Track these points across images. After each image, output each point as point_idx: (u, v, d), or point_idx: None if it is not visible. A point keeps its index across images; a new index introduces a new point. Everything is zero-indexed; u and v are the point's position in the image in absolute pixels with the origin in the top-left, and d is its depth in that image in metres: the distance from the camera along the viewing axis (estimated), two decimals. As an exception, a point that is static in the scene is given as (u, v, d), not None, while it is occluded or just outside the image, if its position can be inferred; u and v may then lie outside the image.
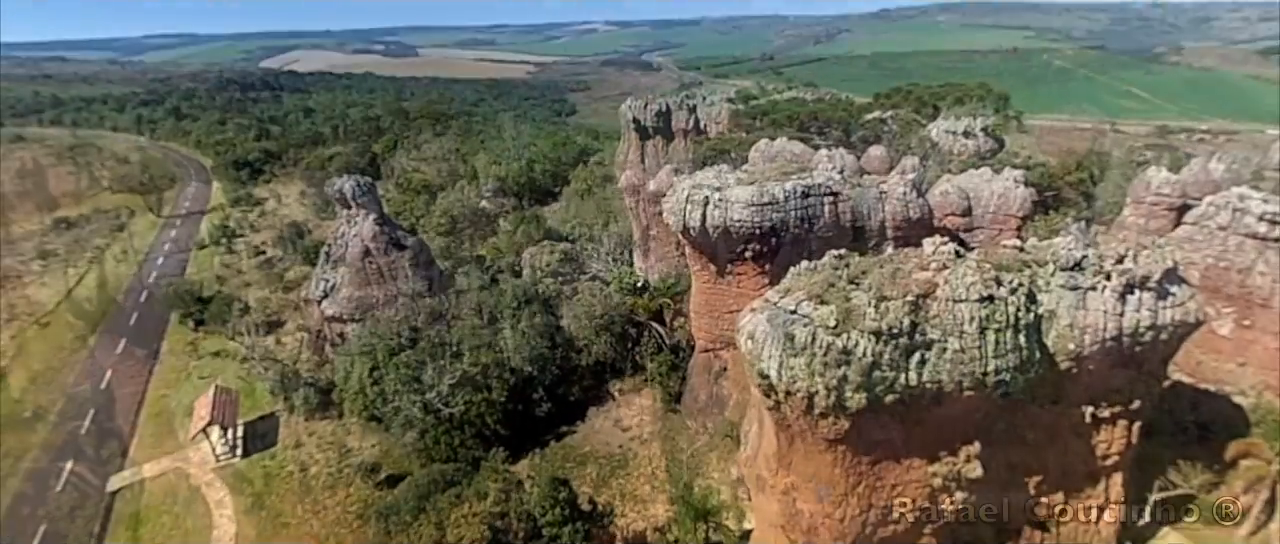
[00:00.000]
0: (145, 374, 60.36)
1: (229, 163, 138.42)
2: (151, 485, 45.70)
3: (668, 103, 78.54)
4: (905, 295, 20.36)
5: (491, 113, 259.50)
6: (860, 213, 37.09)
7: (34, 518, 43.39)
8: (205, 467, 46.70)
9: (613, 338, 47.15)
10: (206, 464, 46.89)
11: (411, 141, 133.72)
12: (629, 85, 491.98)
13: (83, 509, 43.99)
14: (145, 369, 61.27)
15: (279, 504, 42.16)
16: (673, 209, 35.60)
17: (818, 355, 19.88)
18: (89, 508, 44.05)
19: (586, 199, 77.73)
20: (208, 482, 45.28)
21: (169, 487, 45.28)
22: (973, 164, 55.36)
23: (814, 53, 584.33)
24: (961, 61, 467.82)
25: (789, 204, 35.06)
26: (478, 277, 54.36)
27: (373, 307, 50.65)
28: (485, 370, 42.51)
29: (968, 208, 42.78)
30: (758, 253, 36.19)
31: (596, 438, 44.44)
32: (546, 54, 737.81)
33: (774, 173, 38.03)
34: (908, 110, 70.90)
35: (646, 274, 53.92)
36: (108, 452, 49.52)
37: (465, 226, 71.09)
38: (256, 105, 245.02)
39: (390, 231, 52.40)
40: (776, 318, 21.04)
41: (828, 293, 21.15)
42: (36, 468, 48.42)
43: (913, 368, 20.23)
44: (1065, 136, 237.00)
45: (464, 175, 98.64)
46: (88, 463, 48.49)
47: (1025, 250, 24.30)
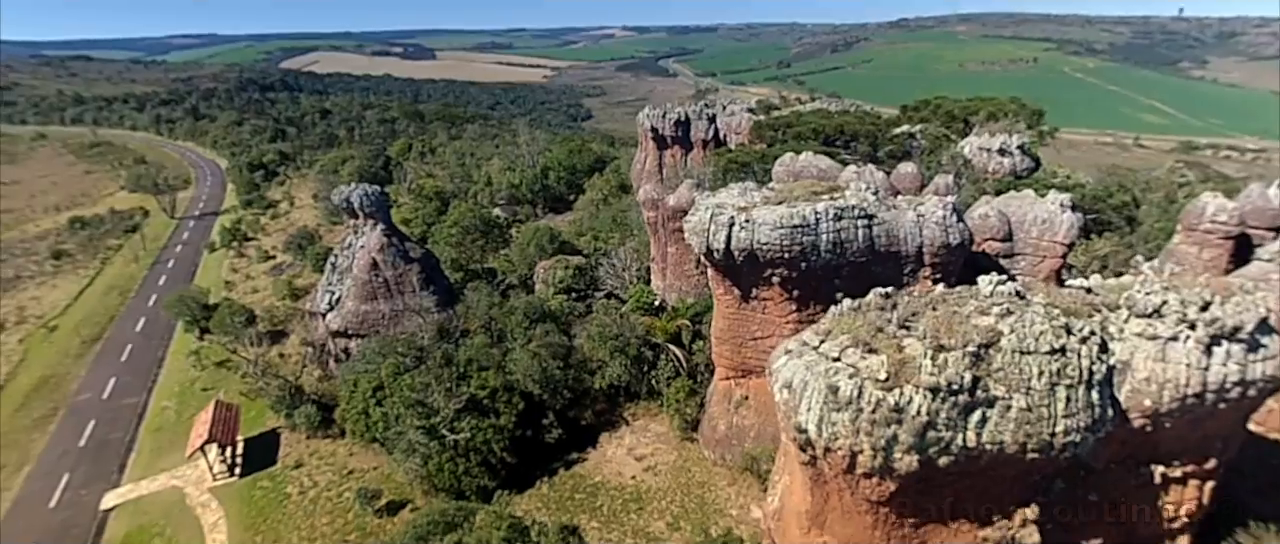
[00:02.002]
0: (148, 384, 58.96)
1: (243, 164, 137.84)
2: (146, 504, 43.94)
3: (687, 112, 76.30)
4: (965, 345, 17.96)
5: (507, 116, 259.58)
6: (895, 237, 34.61)
7: (25, 534, 41.82)
8: (201, 486, 44.91)
9: (627, 360, 44.80)
10: (203, 482, 45.13)
11: (426, 145, 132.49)
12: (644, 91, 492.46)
13: (75, 527, 42.31)
14: (149, 378, 59.89)
15: (274, 529, 40.19)
16: (695, 229, 33.33)
17: (865, 412, 17.54)
18: (82, 526, 42.36)
19: (601, 210, 75.60)
20: (203, 502, 43.46)
21: (164, 506, 43.50)
22: (1008, 183, 52.81)
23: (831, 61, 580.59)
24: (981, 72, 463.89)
25: (820, 227, 32.68)
26: (487, 292, 52.34)
27: (379, 321, 48.77)
28: (493, 394, 40.39)
29: (1008, 232, 40.14)
30: (785, 278, 33.83)
31: (609, 467, 42.12)
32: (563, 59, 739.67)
33: (803, 192, 35.66)
34: (937, 125, 68.25)
35: (664, 293, 51.64)
36: (105, 466, 47.99)
37: (476, 237, 69.14)
38: (274, 106, 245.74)
39: (398, 243, 50.51)
40: (817, 366, 18.71)
41: (876, 339, 18.78)
42: (33, 481, 47.05)
43: (972, 428, 17.82)
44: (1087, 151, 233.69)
45: (477, 182, 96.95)
46: (84, 477, 46.99)
47: (1093, 290, 21.85)
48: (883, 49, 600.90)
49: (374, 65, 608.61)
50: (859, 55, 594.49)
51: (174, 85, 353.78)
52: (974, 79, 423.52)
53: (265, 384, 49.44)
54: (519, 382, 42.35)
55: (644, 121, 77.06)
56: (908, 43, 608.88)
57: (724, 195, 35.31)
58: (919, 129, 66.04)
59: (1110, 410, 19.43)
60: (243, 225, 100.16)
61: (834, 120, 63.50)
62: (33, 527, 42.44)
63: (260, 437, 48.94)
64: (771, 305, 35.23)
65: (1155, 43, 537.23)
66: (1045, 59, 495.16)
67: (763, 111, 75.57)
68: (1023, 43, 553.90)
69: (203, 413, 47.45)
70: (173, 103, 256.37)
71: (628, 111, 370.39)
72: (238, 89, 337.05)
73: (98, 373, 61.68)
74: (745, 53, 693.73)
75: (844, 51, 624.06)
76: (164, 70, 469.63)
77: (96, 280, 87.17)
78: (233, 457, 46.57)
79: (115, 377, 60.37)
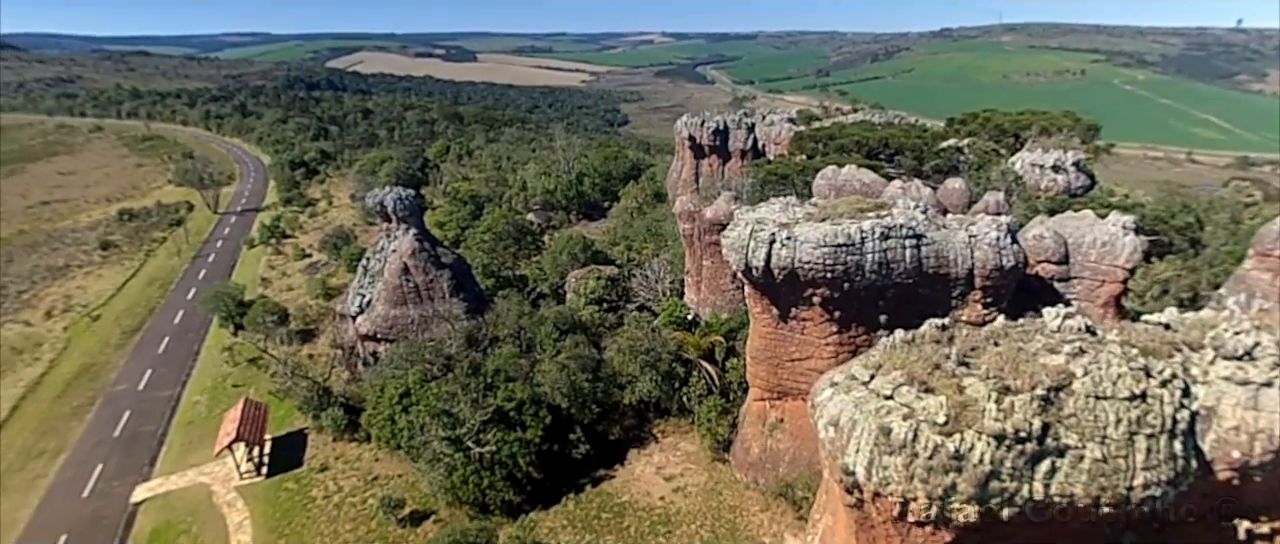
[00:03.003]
0: (182, 377, 59.46)
1: (285, 162, 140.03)
2: (174, 499, 43.98)
3: (725, 121, 74.94)
4: (1034, 388, 16.35)
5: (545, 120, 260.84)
6: (945, 258, 32.83)
7: (58, 524, 42.12)
8: (228, 484, 44.83)
9: (658, 375, 43.50)
10: (230, 481, 45.05)
11: (463, 147, 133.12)
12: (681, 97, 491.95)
13: (105, 519, 42.48)
14: (183, 372, 60.41)
15: (298, 534, 39.77)
16: (734, 245, 31.99)
17: (920, 457, 16.03)
18: (111, 518, 42.51)
19: (636, 219, 74.52)
20: (229, 501, 43.32)
21: (191, 503, 43.47)
22: (1062, 202, 50.34)
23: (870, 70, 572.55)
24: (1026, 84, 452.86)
25: (866, 246, 31.10)
26: (518, 300, 51.55)
27: (408, 327, 48.29)
28: (520, 406, 39.44)
29: (1064, 255, 38.04)
30: (827, 298, 32.30)
31: (637, 486, 40.84)
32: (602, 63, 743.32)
33: (848, 209, 34.08)
34: (986, 138, 65.73)
35: (697, 307, 50.25)
36: (137, 458, 48.28)
37: (509, 244, 68.56)
38: (318, 105, 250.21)
39: (430, 248, 50.02)
40: (867, 404, 17.24)
41: (933, 377, 17.25)
42: (69, 469, 47.50)
43: (1039, 479, 16.18)
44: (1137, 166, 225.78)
45: (512, 186, 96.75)
46: (117, 468, 47.32)
47: (1171, 326, 19.97)
48: (924, 59, 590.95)
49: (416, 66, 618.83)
50: (899, 64, 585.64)
51: (225, 82, 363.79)
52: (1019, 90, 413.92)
53: (294, 384, 49.28)
54: (547, 394, 41.35)
55: (681, 130, 75.87)
56: (950, 53, 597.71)
57: (765, 210, 33.93)
58: (967, 143, 63.65)
59: (1194, 462, 17.59)
60: (281, 223, 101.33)
61: (878, 132, 61.47)
62: (66, 516, 42.71)
63: (287, 436, 48.80)
64: (811, 326, 33.72)
65: (1211, 55, 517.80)
66: (1093, 71, 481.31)
67: (803, 122, 73.84)
68: (1070, 54, 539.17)
69: (232, 411, 47.45)
70: (222, 99, 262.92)
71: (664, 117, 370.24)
72: (285, 87, 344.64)
73: (135, 364, 62.48)
74: (784, 61, 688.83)
75: (884, 61, 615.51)
76: (216, 67, 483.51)
77: (140, 271, 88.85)
78: (260, 456, 46.49)
79: (151, 368, 61.06)
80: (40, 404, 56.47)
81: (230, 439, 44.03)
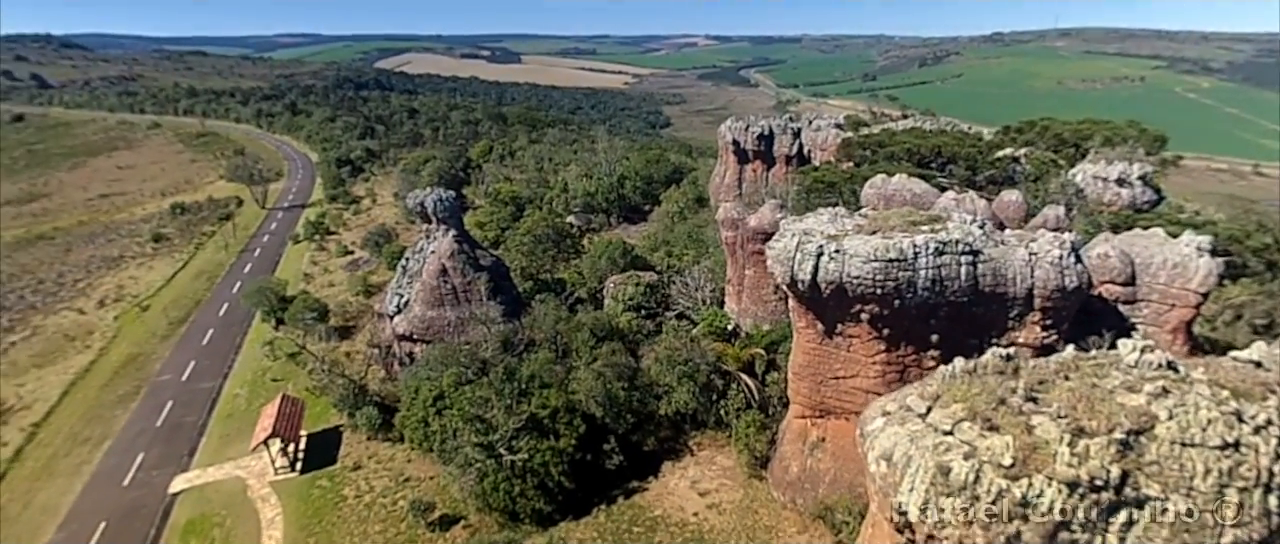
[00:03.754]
0: (224, 370, 60.41)
1: (332, 159, 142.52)
2: (210, 492, 44.45)
3: (771, 125, 73.29)
4: (1112, 430, 14.84)
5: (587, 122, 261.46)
6: (1003, 276, 31.01)
7: (99, 511, 42.91)
8: (263, 478, 45.14)
9: (696, 387, 42.36)
10: (265, 475, 45.37)
11: (506, 147, 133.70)
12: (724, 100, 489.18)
13: (144, 509, 43.13)
14: (225, 365, 61.39)
15: (328, 533, 39.71)
16: (779, 257, 30.71)
17: (983, 501, 14.66)
18: (149, 508, 43.14)
19: (677, 224, 73.39)
20: (263, 496, 43.59)
21: (226, 496, 43.87)
22: (1127, 217, 47.78)
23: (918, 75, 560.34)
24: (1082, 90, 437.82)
25: (919, 262, 29.51)
26: (555, 304, 50.94)
27: (444, 328, 48.07)
28: (554, 414, 38.73)
29: (1131, 275, 35.78)
30: (876, 315, 30.80)
31: (670, 500, 39.76)
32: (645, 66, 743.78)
33: (900, 221, 32.51)
34: (1044, 148, 62.95)
35: (738, 318, 48.92)
36: (177, 449, 49.07)
37: (548, 247, 68.10)
38: (366, 104, 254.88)
39: (469, 250, 49.76)
40: (924, 439, 15.91)
41: (998, 413, 15.82)
42: (112, 456, 48.51)
43: (1115, 532, 14.67)
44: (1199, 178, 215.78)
45: (553, 187, 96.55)
46: (157, 458, 48.13)
47: (1263, 364, 18.14)
48: (974, 64, 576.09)
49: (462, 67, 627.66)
50: (948, 69, 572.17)
51: (277, 81, 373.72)
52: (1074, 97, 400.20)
53: (331, 382, 49.49)
54: (581, 402, 40.58)
55: (725, 134, 74.47)
56: (1001, 58, 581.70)
57: (812, 221, 32.57)
58: (1023, 153, 61.01)
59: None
60: (326, 219, 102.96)
61: (929, 140, 59.25)
62: (106, 503, 43.52)
63: (323, 433, 49.01)
64: (858, 344, 32.23)
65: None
66: (1153, 78, 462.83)
67: (851, 128, 71.75)
68: (1129, 60, 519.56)
69: (269, 406, 47.83)
70: (274, 97, 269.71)
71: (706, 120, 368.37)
72: (334, 86, 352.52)
73: (180, 355, 63.77)
74: (829, 64, 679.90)
75: (933, 65, 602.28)
76: (269, 67, 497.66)
77: (189, 264, 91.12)
78: (295, 452, 46.73)
79: (195, 360, 62.20)
80: (88, 391, 57.98)
81: (266, 434, 44.33)
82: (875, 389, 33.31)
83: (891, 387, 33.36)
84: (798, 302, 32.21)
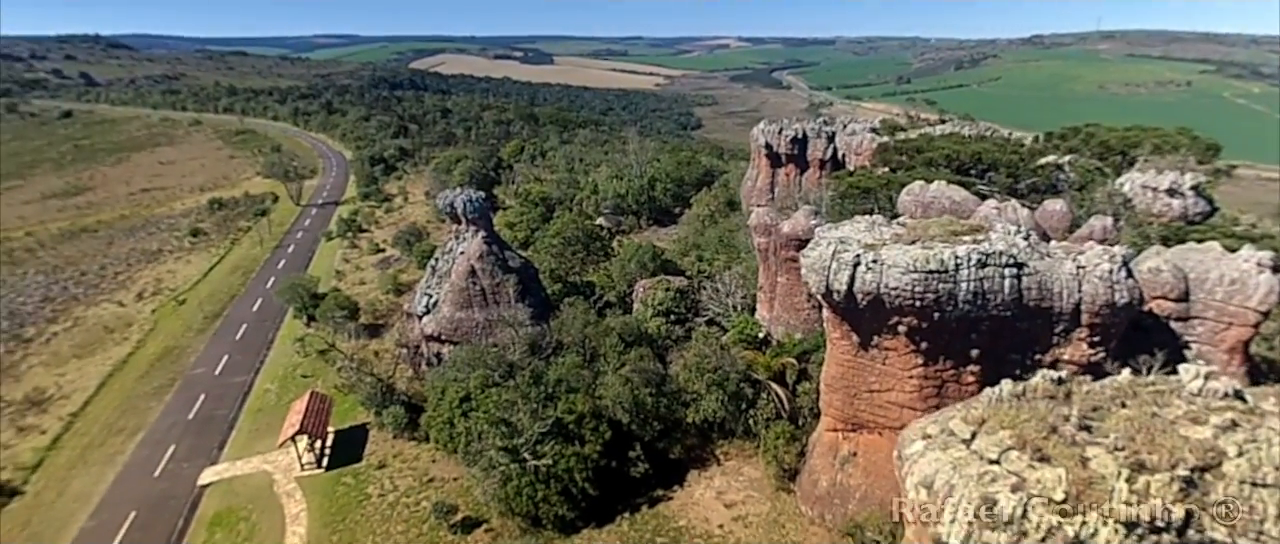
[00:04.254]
0: (256, 365, 61.07)
1: (366, 158, 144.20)
2: (237, 485, 44.86)
3: (804, 129, 72.05)
4: (1175, 466, 13.81)
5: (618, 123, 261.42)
6: (1048, 290, 29.72)
7: (129, 501, 43.55)
8: (290, 474, 45.43)
9: (724, 395, 41.51)
10: (291, 471, 45.65)
11: (537, 148, 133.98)
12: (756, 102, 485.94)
13: (173, 500, 43.70)
14: (257, 359, 62.08)
15: (351, 531, 39.72)
16: (814, 266, 29.81)
17: (1031, 537, 13.74)
18: (179, 499, 43.72)
19: (708, 227, 72.52)
20: (288, 491, 43.83)
21: (253, 490, 44.23)
22: (1178, 230, 45.79)
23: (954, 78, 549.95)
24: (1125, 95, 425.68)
25: (960, 273, 28.39)
26: (583, 308, 50.49)
27: (472, 330, 47.95)
28: (580, 420, 38.26)
29: (1184, 291, 34.14)
30: (914, 328, 29.74)
31: (695, 510, 39.02)
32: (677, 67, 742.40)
33: (940, 231, 31.40)
34: (1089, 156, 60.84)
35: (769, 325, 47.95)
36: (207, 442, 49.67)
37: (578, 249, 67.72)
38: (400, 104, 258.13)
39: (498, 252, 49.59)
40: (967, 467, 15.02)
41: (1049, 442, 14.87)
42: (144, 448, 49.31)
43: (1178, 574, 13.67)
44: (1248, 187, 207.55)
45: (584, 188, 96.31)
46: (188, 450, 48.79)
47: (1338, 396, 16.88)
48: (1012, 67, 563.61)
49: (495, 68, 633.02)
50: (985, 72, 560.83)
51: (314, 80, 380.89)
52: (1116, 102, 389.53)
53: (359, 380, 49.67)
54: (608, 408, 40.06)
55: (758, 137, 73.40)
56: (1040, 61, 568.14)
57: (848, 229, 31.61)
58: (1068, 160, 59.00)
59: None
60: (358, 217, 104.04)
61: (970, 146, 57.60)
62: (137, 493, 44.19)
63: (349, 430, 49.21)
64: (894, 356, 31.19)
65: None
66: (1200, 82, 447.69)
67: (887, 132, 70.22)
68: (1174, 64, 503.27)
69: (298, 402, 48.16)
70: (311, 96, 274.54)
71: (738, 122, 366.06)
72: (370, 86, 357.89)
73: (214, 349, 64.68)
74: (862, 67, 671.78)
75: (969, 68, 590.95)
76: (307, 67, 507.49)
77: (225, 259, 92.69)
78: (321, 448, 46.95)
79: (228, 354, 63.03)
80: (125, 383, 59.06)
81: (294, 431, 44.60)
82: (911, 404, 32.25)
83: (928, 402, 32.27)
84: (832, 312, 31.28)
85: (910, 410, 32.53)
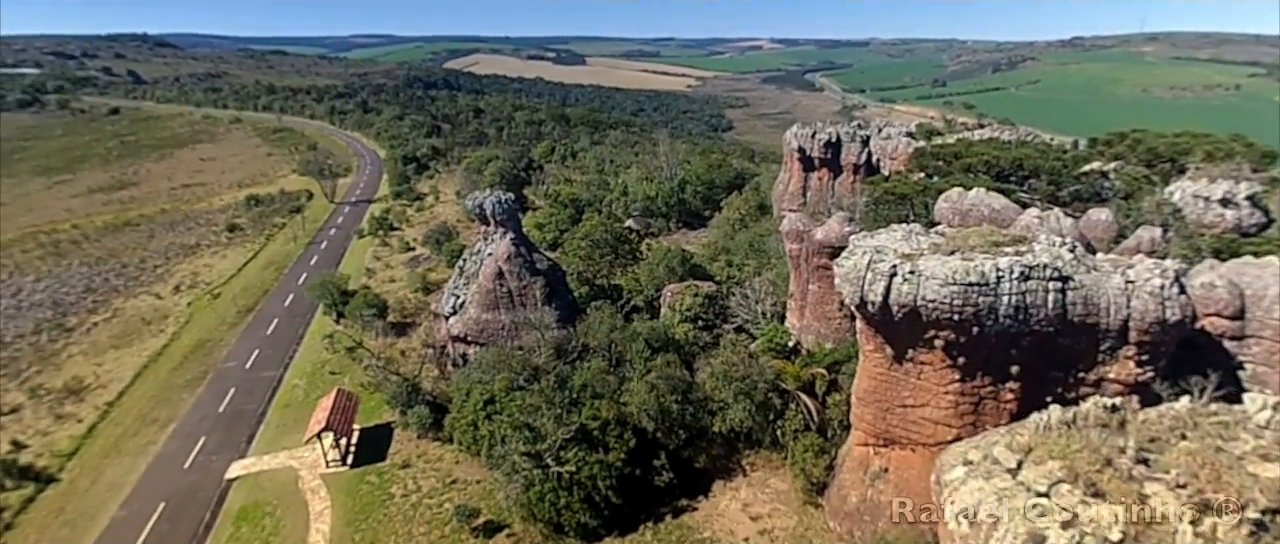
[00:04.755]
0: (285, 360, 61.70)
1: (399, 157, 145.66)
2: (263, 480, 45.19)
3: (838, 132, 70.73)
4: (1243, 507, 12.75)
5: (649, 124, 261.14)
6: (1095, 306, 28.35)
7: (160, 492, 44.15)
8: (314, 470, 45.63)
9: (752, 404, 40.61)
10: (316, 467, 45.85)
11: (567, 148, 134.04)
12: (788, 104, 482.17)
13: (202, 492, 44.19)
14: (287, 355, 62.73)
15: (373, 530, 39.67)
16: (848, 276, 28.84)
17: (1083, 578, 12.80)
18: (207, 492, 44.20)
19: (738, 231, 71.54)
20: (313, 488, 44.02)
21: (278, 485, 44.52)
22: (1231, 242, 43.68)
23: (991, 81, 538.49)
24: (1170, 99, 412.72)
25: (1002, 287, 27.20)
26: (610, 312, 49.91)
27: (498, 332, 47.73)
28: (604, 426, 37.72)
29: (1240, 308, 32.42)
30: (951, 342, 28.60)
31: (720, 522, 38.21)
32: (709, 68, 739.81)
33: (981, 241, 30.18)
34: (1135, 163, 58.56)
35: (799, 334, 46.91)
36: (236, 435, 50.22)
37: (606, 252, 67.24)
38: (434, 103, 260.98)
39: (526, 254, 49.31)
40: (1014, 499, 14.08)
41: (1103, 476, 13.86)
42: (175, 439, 50.06)
43: (1245, 625, 12.60)
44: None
45: (613, 189, 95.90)
46: (217, 443, 49.38)
47: None
48: (1052, 69, 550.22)
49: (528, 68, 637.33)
50: (1024, 75, 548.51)
51: (350, 80, 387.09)
52: (1161, 107, 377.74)
53: (385, 379, 49.76)
54: (633, 415, 39.45)
55: (791, 140, 72.23)
56: (1081, 63, 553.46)
57: (884, 237, 30.55)
58: (1113, 168, 56.89)
59: None
60: (390, 215, 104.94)
61: (1010, 152, 55.82)
62: (166, 485, 44.77)
63: (375, 428, 49.34)
64: (929, 371, 30.06)
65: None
66: (1250, 86, 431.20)
67: (923, 136, 68.56)
68: (1222, 67, 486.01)
69: (324, 399, 48.39)
70: (347, 95, 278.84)
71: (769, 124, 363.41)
72: (404, 85, 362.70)
73: (245, 343, 65.54)
74: (897, 69, 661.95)
75: (1007, 71, 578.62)
76: (344, 66, 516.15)
77: (259, 254, 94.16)
78: (346, 446, 47.09)
79: (258, 349, 63.79)
80: (159, 374, 60.12)
81: (320, 428, 44.77)
82: (947, 421, 31.11)
83: (965, 419, 31.11)
84: (866, 323, 30.28)
85: (945, 427, 31.40)
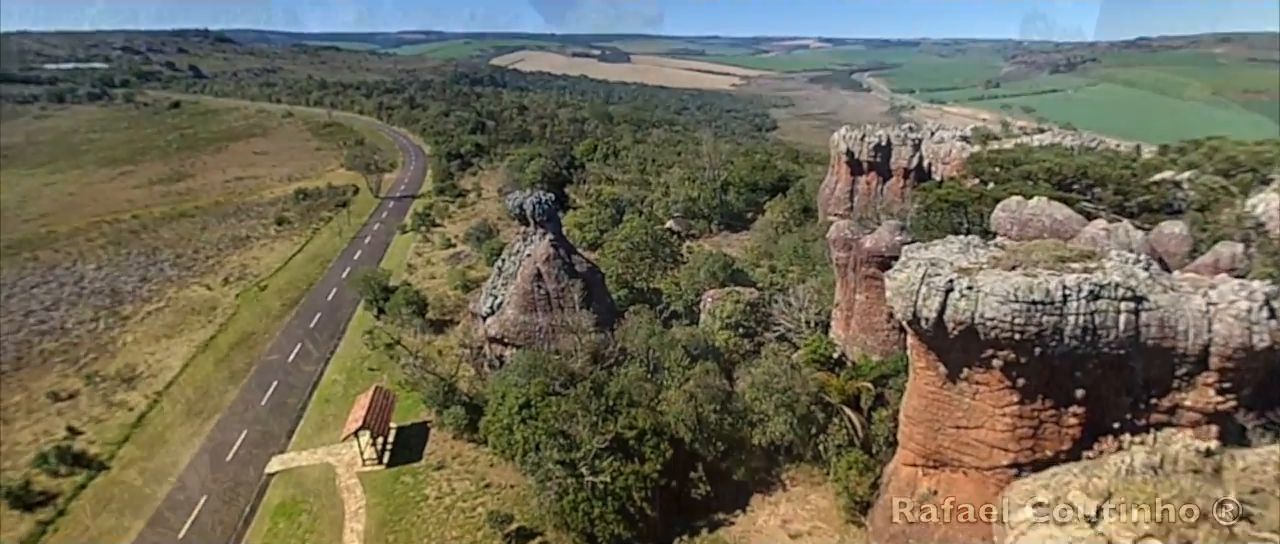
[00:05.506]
0: (326, 355, 62.39)
1: (443, 153, 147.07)
2: (302, 476, 45.58)
3: (888, 135, 68.50)
4: (1372, 577, 11.14)
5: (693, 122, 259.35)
6: (1172, 329, 26.20)
7: (203, 485, 44.81)
8: (351, 468, 45.83)
9: (794, 417, 39.18)
10: (353, 465, 46.05)
11: (610, 147, 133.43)
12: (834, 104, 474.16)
13: (243, 486, 44.77)
14: (328, 350, 63.43)
15: (407, 532, 39.52)
16: (901, 289, 27.29)
17: (1175, 648, 11.34)
18: (248, 486, 44.75)
19: (782, 236, 69.82)
20: (349, 486, 44.17)
21: (315, 482, 44.83)
22: (1317, 260, 40.56)
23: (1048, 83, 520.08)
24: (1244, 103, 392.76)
25: (1069, 306, 25.34)
26: (649, 317, 48.96)
27: (536, 334, 47.18)
28: (640, 436, 36.79)
29: (1331, 335, 29.72)
30: (1010, 363, 26.81)
31: (757, 538, 36.95)
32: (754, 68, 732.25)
33: (1045, 256, 28.29)
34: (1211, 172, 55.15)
35: (845, 345, 45.23)
36: (277, 430, 50.78)
37: (646, 254, 66.26)
38: (479, 100, 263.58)
39: (565, 256, 48.64)
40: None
41: (1198, 532, 12.33)
42: (218, 432, 50.84)
43: None
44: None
45: (655, 189, 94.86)
46: (259, 436, 50.04)
47: None
48: (1114, 72, 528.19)
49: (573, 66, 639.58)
50: (1083, 78, 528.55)
51: (399, 76, 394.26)
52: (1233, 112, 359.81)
53: (422, 378, 49.69)
54: (670, 425, 38.44)
55: (839, 143, 70.23)
56: (1146, 66, 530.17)
57: (940, 249, 28.88)
58: (1187, 177, 53.65)
59: None
60: (432, 211, 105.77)
61: (1074, 160, 53.06)
62: (208, 478, 45.47)
63: (411, 427, 49.37)
64: (986, 392, 28.28)
65: None
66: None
67: (978, 141, 65.86)
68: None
69: (362, 396, 48.55)
70: (395, 91, 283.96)
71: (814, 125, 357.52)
72: (451, 82, 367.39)
73: (288, 336, 66.50)
74: (948, 70, 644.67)
75: (1066, 72, 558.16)
76: (393, 62, 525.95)
77: (305, 248, 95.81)
78: (383, 444, 47.17)
79: (300, 343, 64.63)
80: (206, 365, 61.32)
81: (357, 425, 44.88)
82: (1003, 444, 29.28)
83: (1022, 443, 29.24)
84: (919, 340, 28.66)
85: (1002, 450, 29.59)
